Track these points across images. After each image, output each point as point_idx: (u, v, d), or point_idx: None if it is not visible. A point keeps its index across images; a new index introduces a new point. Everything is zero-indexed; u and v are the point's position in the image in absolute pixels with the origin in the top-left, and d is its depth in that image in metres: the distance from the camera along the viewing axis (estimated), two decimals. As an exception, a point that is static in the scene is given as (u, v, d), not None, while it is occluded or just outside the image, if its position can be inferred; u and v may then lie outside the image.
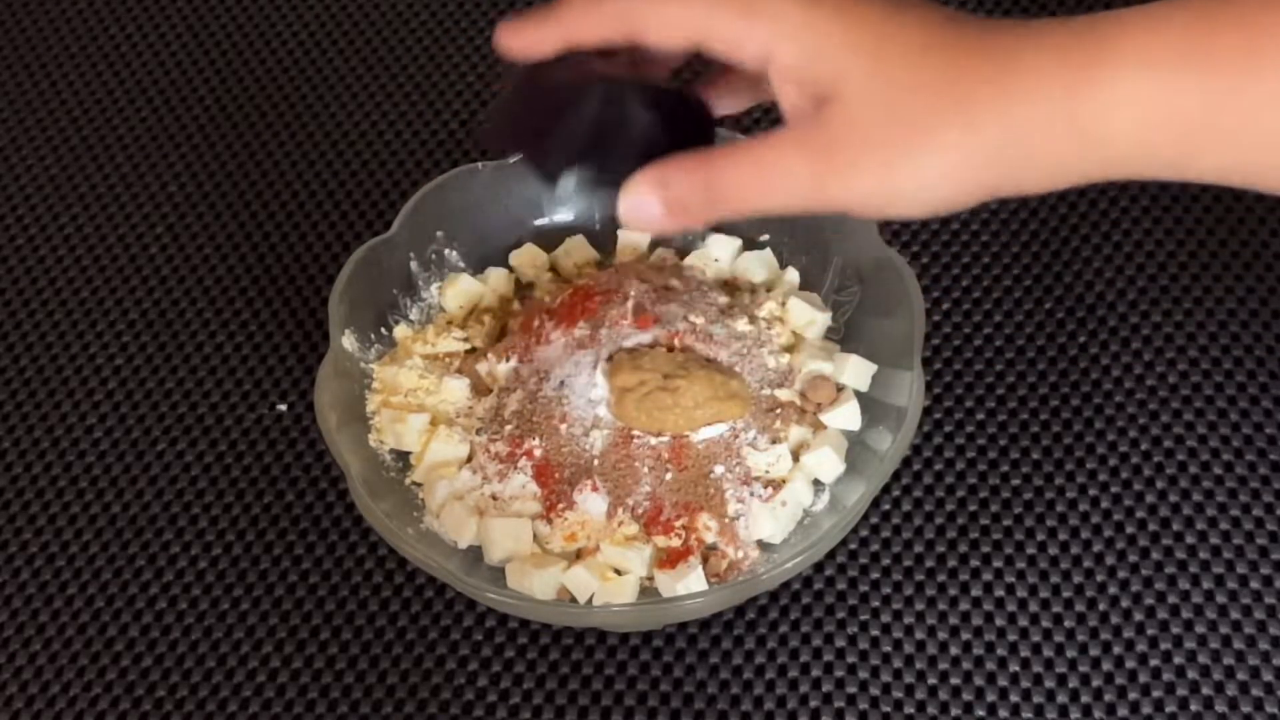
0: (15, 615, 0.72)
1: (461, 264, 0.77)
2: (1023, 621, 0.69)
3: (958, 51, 0.51)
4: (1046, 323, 0.78)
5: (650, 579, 0.67)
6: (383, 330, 0.74)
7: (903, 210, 0.52)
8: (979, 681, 0.68)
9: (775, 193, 0.53)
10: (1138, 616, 0.69)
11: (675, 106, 0.58)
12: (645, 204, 0.54)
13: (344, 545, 0.73)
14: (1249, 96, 0.48)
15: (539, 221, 0.78)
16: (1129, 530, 0.71)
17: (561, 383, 0.69)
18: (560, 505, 0.68)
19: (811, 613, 0.70)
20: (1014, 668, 0.68)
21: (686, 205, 0.54)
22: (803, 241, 0.76)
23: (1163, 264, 0.80)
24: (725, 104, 0.60)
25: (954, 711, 0.67)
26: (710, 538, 0.67)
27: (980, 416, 0.75)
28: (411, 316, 0.75)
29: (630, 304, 0.70)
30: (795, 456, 0.69)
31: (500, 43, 0.57)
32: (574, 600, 0.66)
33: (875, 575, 0.71)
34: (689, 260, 0.76)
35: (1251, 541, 0.71)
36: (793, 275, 0.76)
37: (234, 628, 0.71)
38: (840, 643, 0.69)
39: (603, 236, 0.78)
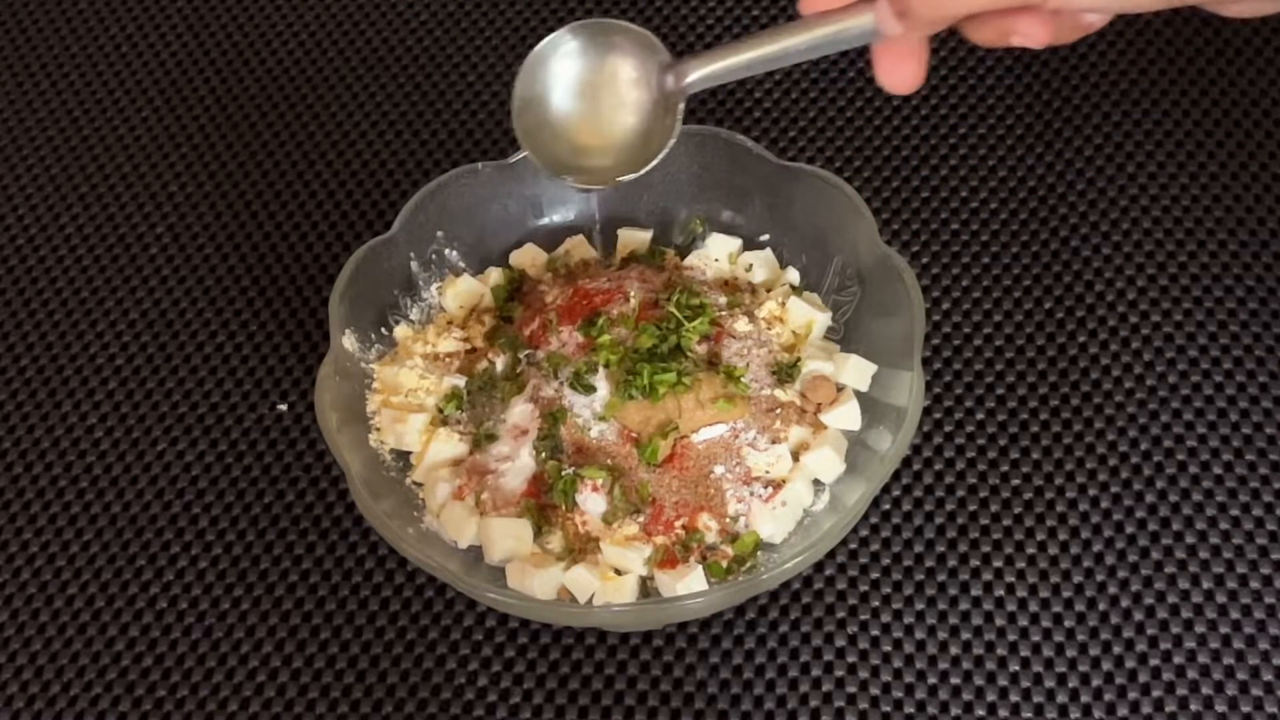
0: (15, 615, 0.72)
1: (461, 264, 0.77)
2: (1023, 621, 0.69)
3: None
4: (1046, 323, 0.78)
5: (650, 579, 0.67)
6: (383, 330, 0.74)
7: None
8: (979, 681, 0.68)
9: None
10: (1138, 616, 0.69)
11: None
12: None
13: (344, 545, 0.73)
14: None
15: (539, 221, 0.78)
16: (1129, 530, 0.71)
17: (562, 382, 0.69)
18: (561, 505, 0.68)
19: (811, 613, 0.70)
20: (1014, 667, 0.68)
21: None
22: (803, 241, 0.76)
23: (1162, 264, 0.80)
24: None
25: (954, 711, 0.67)
26: (710, 538, 0.68)
27: (980, 416, 0.75)
28: (411, 316, 0.75)
29: (632, 303, 0.70)
30: (795, 456, 0.69)
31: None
32: (574, 600, 0.66)
33: (875, 575, 0.71)
34: (689, 260, 0.76)
35: (1251, 541, 0.71)
36: (793, 275, 0.76)
37: (234, 628, 0.71)
38: (840, 642, 0.69)
39: (603, 236, 0.78)
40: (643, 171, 0.63)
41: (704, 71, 0.60)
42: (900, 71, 0.57)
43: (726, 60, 0.60)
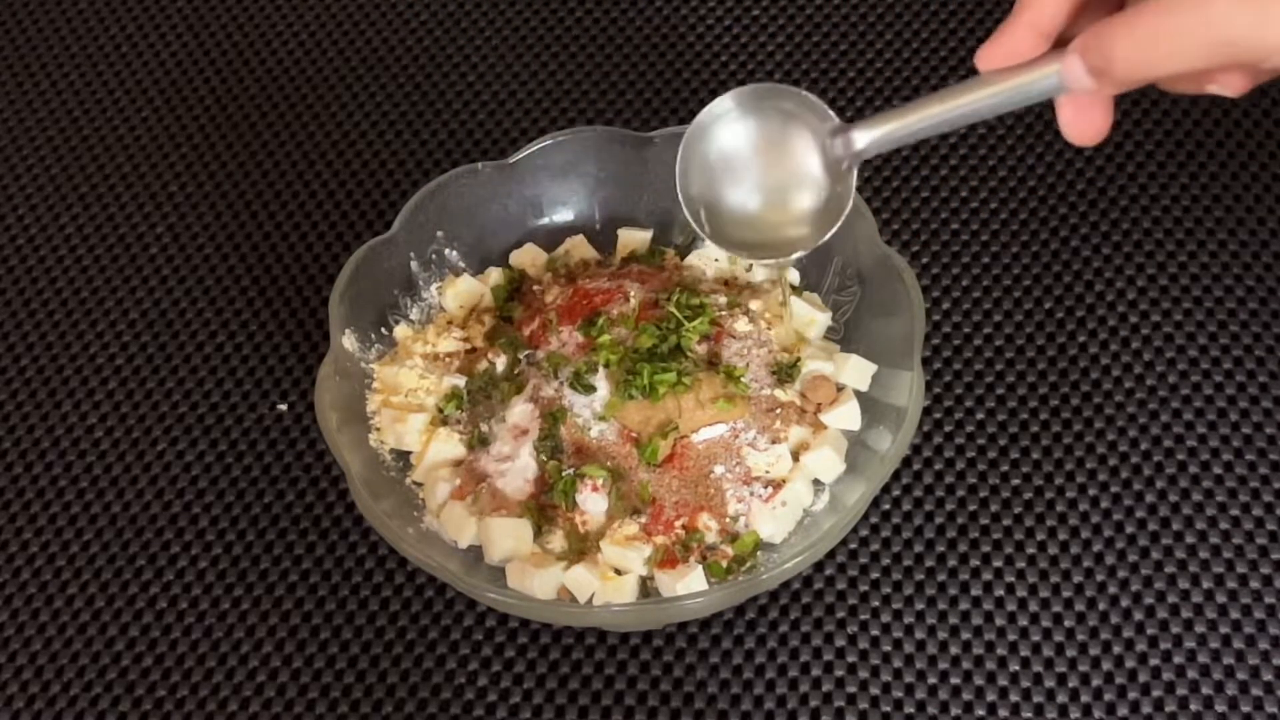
0: (15, 615, 0.72)
1: (461, 264, 0.77)
2: (1023, 621, 0.69)
3: None
4: (1046, 323, 0.78)
5: (650, 579, 0.67)
6: (383, 330, 0.74)
7: None
8: (979, 681, 0.68)
9: (1214, 38, 0.50)
10: (1138, 616, 0.69)
11: None
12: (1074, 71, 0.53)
13: (344, 545, 0.73)
14: None
15: (539, 221, 0.78)
16: (1129, 530, 0.71)
17: (562, 382, 0.69)
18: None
19: (811, 612, 0.70)
20: (1014, 667, 0.68)
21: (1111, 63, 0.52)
22: (803, 241, 0.76)
23: (1162, 264, 0.80)
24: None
25: (954, 711, 0.67)
26: (710, 538, 0.68)
27: (980, 416, 0.75)
28: (411, 316, 0.75)
29: (631, 303, 0.70)
30: (795, 456, 0.69)
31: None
32: (574, 600, 0.66)
33: (875, 575, 0.71)
34: (689, 260, 0.76)
35: (1251, 541, 0.71)
36: (793, 275, 0.76)
37: (234, 628, 0.71)
38: (840, 642, 0.69)
39: (603, 236, 0.78)
40: (818, 243, 0.62)
41: (876, 135, 0.58)
42: (1086, 123, 0.55)
43: (898, 122, 0.57)
